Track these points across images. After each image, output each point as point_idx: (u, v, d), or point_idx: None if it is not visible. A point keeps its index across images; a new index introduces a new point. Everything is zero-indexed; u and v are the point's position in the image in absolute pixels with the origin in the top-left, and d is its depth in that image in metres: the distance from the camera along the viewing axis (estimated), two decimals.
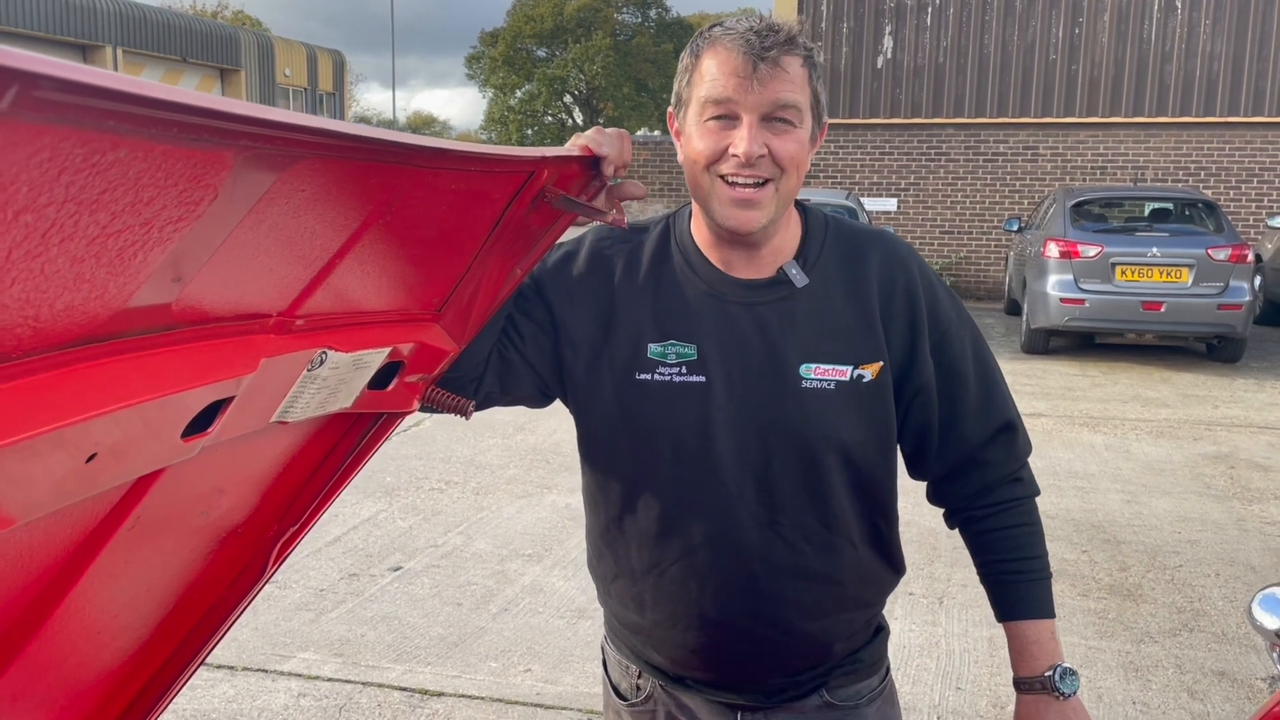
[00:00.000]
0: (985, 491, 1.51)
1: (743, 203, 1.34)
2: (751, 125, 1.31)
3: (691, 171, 1.38)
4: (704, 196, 1.37)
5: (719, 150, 1.33)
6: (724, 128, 1.33)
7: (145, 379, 0.77)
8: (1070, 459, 6.77)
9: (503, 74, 44.06)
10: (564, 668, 3.81)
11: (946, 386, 1.47)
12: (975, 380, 1.49)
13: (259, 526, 1.32)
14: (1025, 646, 1.49)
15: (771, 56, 1.30)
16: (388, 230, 1.05)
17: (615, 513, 1.48)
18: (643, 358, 1.43)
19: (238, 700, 3.56)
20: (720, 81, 1.32)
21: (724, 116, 1.32)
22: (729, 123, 1.32)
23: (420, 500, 5.80)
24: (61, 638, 1.09)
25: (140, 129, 0.56)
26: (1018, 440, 1.52)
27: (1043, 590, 1.50)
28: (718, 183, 1.34)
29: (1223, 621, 4.28)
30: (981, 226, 15.66)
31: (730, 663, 1.47)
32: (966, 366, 1.48)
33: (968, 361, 1.48)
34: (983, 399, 1.49)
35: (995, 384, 1.51)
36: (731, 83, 1.31)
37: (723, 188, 1.34)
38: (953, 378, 1.47)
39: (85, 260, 0.62)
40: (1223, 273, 9.60)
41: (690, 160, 1.37)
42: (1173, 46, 14.82)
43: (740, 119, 1.32)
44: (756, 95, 1.30)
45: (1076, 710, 1.46)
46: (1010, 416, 1.52)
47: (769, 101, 1.31)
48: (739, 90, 1.30)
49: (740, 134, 1.31)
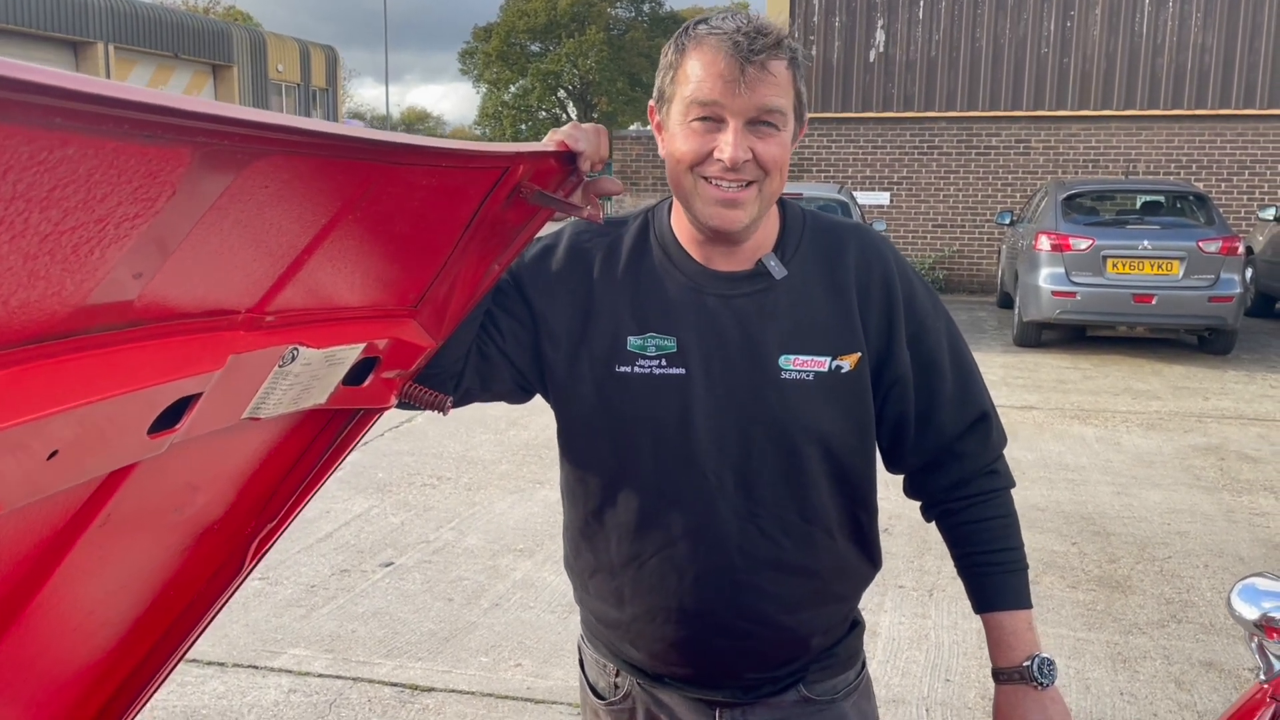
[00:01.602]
0: (962, 483, 1.52)
1: (727, 203, 1.34)
2: (737, 130, 1.30)
3: (674, 170, 1.37)
4: (687, 195, 1.37)
5: (704, 153, 1.33)
6: (708, 130, 1.32)
7: (108, 375, 0.76)
8: (1061, 451, 6.79)
9: (496, 69, 43.98)
10: (554, 662, 3.82)
11: (923, 378, 1.47)
12: (951, 372, 1.50)
13: (236, 523, 1.32)
14: (1003, 637, 1.49)
15: (759, 60, 1.28)
16: (359, 226, 1.05)
17: (595, 505, 1.49)
18: (622, 350, 1.43)
19: (228, 696, 3.56)
20: (706, 84, 1.30)
21: (708, 119, 1.32)
22: (713, 125, 1.32)
23: (412, 496, 5.80)
24: (36, 634, 1.09)
25: (87, 126, 0.56)
26: (993, 431, 1.53)
27: (1020, 581, 1.51)
28: (701, 183, 1.34)
29: (1211, 612, 4.30)
30: (974, 220, 15.68)
31: (709, 657, 1.48)
32: (943, 358, 1.49)
33: (944, 353, 1.49)
34: (959, 391, 1.50)
35: (971, 375, 1.52)
36: (718, 86, 1.30)
37: (706, 188, 1.34)
38: (929, 370, 1.48)
39: (39, 257, 0.62)
40: (1214, 265, 9.63)
41: (674, 160, 1.37)
42: (1164, 39, 14.83)
43: (725, 122, 1.31)
44: (743, 100, 1.29)
45: (1055, 700, 1.46)
46: (985, 407, 1.52)
47: (755, 106, 1.30)
48: (725, 94, 1.29)
49: (726, 138, 1.30)
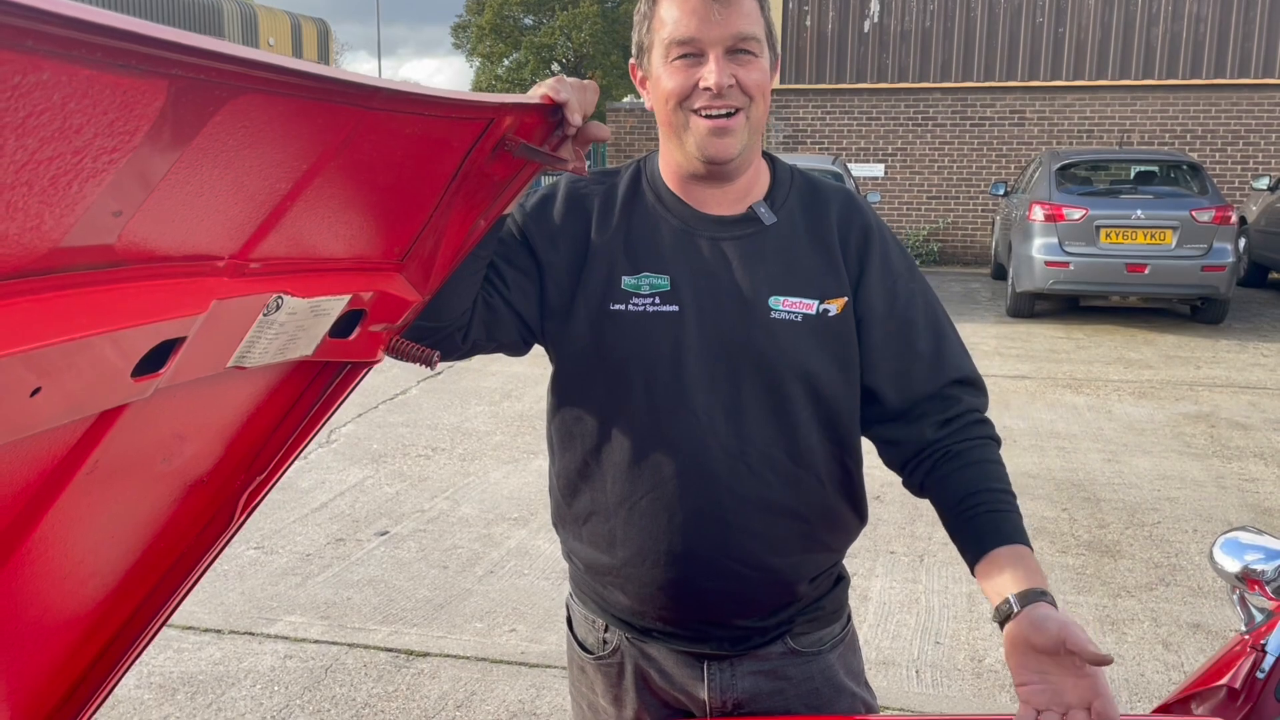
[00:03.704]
0: (952, 423, 1.46)
1: (718, 131, 1.40)
2: (718, 58, 1.38)
3: (664, 111, 1.44)
4: (678, 132, 1.43)
5: (689, 86, 1.39)
6: (690, 65, 1.39)
7: (89, 314, 0.77)
8: (1053, 419, 6.82)
9: (489, 42, 43.66)
10: (549, 627, 3.85)
11: (897, 334, 1.48)
12: (926, 330, 1.49)
13: (224, 476, 1.33)
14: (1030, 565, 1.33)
15: None
16: (342, 174, 1.05)
17: (592, 444, 1.50)
18: (616, 289, 1.46)
19: (224, 662, 3.59)
20: (683, 22, 1.38)
21: (689, 55, 1.39)
22: (695, 59, 1.39)
23: (407, 466, 5.82)
24: (24, 582, 1.10)
25: (61, 51, 0.56)
26: (980, 393, 1.51)
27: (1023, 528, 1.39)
28: (692, 117, 1.41)
29: (1199, 576, 4.34)
30: (968, 191, 15.65)
31: (696, 600, 1.49)
32: (916, 315, 1.49)
33: (917, 311, 1.50)
34: (936, 350, 1.49)
35: (947, 339, 1.51)
36: (694, 21, 1.38)
37: (697, 120, 1.40)
38: (905, 326, 1.48)
39: (16, 188, 0.62)
40: (1207, 234, 9.64)
41: (661, 100, 1.43)
42: (1159, 9, 14.76)
43: (706, 54, 1.38)
44: (719, 29, 1.37)
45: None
46: (968, 373, 1.50)
47: (731, 35, 1.37)
48: (701, 28, 1.37)
49: (709, 68, 1.38)
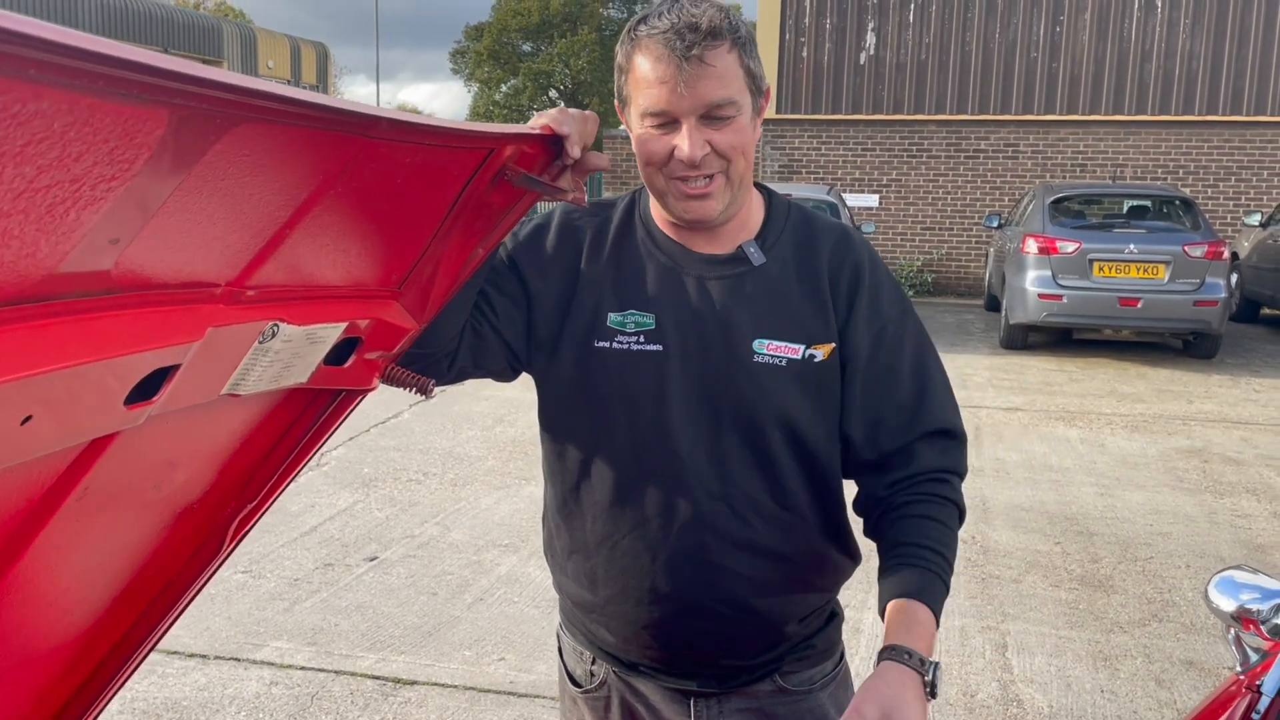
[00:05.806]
0: (908, 480, 1.43)
1: (697, 197, 1.38)
2: (691, 128, 1.34)
3: (645, 170, 1.42)
4: (660, 193, 1.42)
5: (665, 154, 1.36)
6: (665, 132, 1.36)
7: (83, 341, 0.76)
8: (1045, 453, 6.81)
9: (488, 68, 43.89)
10: (538, 656, 3.81)
11: (878, 381, 1.44)
12: (910, 377, 1.46)
13: (215, 503, 1.32)
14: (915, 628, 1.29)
15: (695, 56, 1.30)
16: (341, 203, 1.04)
17: (573, 483, 1.49)
18: (602, 326, 1.45)
19: (209, 689, 3.55)
20: (652, 93, 1.34)
21: (664, 123, 1.35)
22: (670, 126, 1.35)
23: (398, 491, 5.79)
24: (10, 609, 1.09)
25: (63, 80, 0.56)
26: (953, 449, 1.46)
27: (942, 598, 1.34)
28: (672, 182, 1.39)
29: (1191, 612, 4.33)
30: (962, 223, 15.73)
31: (681, 640, 1.47)
32: (900, 363, 1.46)
33: (903, 357, 1.46)
34: (915, 400, 1.45)
35: (930, 389, 1.46)
36: (662, 94, 1.33)
37: (676, 185, 1.39)
38: (886, 374, 1.45)
39: (12, 215, 0.62)
40: (1199, 269, 9.68)
41: (641, 161, 1.41)
42: (1153, 45, 14.91)
43: (679, 122, 1.34)
44: (689, 100, 1.32)
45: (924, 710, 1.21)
46: (947, 424, 1.46)
47: (702, 104, 1.33)
48: (670, 100, 1.33)
49: (681, 138, 1.34)
